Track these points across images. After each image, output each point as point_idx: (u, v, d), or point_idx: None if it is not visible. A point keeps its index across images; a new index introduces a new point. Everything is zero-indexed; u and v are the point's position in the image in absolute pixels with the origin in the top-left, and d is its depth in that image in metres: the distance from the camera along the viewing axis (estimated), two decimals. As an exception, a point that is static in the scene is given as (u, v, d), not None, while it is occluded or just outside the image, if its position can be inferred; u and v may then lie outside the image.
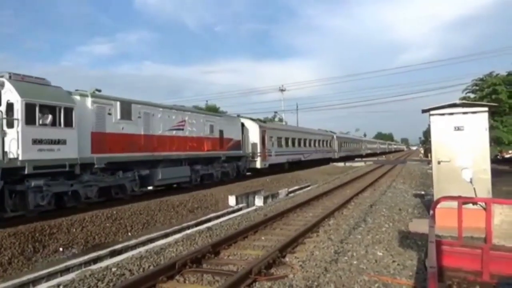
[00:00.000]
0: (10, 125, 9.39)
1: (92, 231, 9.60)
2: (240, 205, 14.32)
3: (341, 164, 38.07)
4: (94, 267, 6.53)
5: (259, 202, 14.72)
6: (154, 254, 6.86)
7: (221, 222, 10.16)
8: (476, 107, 8.01)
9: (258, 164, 23.40)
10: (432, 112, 8.13)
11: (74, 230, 9.39)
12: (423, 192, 13.91)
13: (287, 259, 6.39)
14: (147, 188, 15.04)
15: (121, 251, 8.29)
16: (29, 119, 9.53)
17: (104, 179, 12.13)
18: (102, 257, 7.88)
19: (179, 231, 10.07)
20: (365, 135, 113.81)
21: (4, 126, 9.38)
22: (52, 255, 8.30)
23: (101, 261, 7.47)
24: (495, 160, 23.21)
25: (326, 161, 38.53)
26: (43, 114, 9.96)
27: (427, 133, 52.52)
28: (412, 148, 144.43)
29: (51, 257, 8.21)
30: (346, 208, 11.67)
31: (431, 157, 8.59)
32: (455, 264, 4.04)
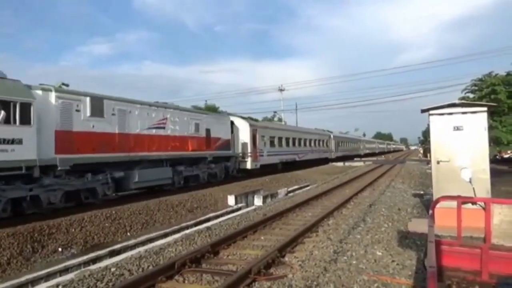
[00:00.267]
0: None
1: (91, 231, 9.59)
2: (239, 205, 14.31)
3: (340, 164, 38.07)
4: (93, 267, 6.52)
5: (258, 201, 14.71)
6: (153, 254, 6.86)
7: (220, 222, 10.16)
8: (475, 107, 8.03)
9: (249, 165, 22.19)
10: (431, 112, 8.14)
11: (73, 230, 9.37)
12: (422, 192, 13.91)
13: (286, 259, 6.39)
14: (123, 192, 13.81)
15: (120, 251, 8.27)
16: None
17: (70, 183, 10.93)
18: (101, 257, 7.86)
19: (178, 231, 10.05)
20: (364, 135, 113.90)
21: None
22: (51, 255, 8.28)
23: (100, 261, 7.45)
24: (494, 160, 23.24)
25: (322, 162, 37.78)
26: None
27: (426, 133, 52.58)
28: (412, 148, 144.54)
29: (50, 257, 8.19)
30: (346, 207, 11.67)
31: (430, 157, 8.60)
32: (454, 264, 4.04)
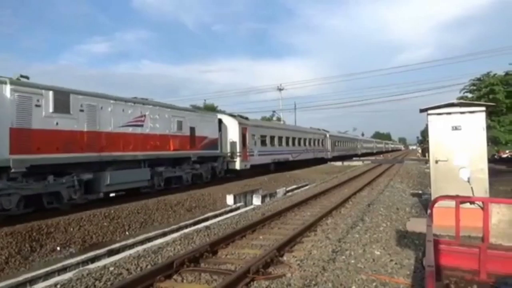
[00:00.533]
0: None
1: (89, 230, 9.58)
2: (238, 204, 14.30)
3: (339, 163, 38.22)
4: (91, 266, 6.51)
5: (257, 201, 14.70)
6: (151, 253, 6.85)
7: (219, 221, 10.16)
8: (474, 106, 8.04)
9: (238, 165, 21.06)
10: (430, 112, 8.15)
11: (72, 229, 9.36)
12: (420, 192, 13.93)
13: (285, 258, 6.40)
14: (93, 196, 12.36)
15: (118, 250, 8.26)
16: None
17: (28, 186, 9.78)
18: (99, 256, 7.85)
19: (177, 230, 10.05)
20: (363, 134, 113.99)
21: None
22: (49, 254, 8.27)
23: (99, 260, 7.44)
24: (492, 160, 23.32)
25: (318, 162, 36.76)
26: None
27: (424, 133, 52.64)
28: (411, 147, 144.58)
29: (49, 257, 8.18)
30: (344, 207, 11.69)
31: (428, 156, 8.61)
32: (452, 263, 4.05)
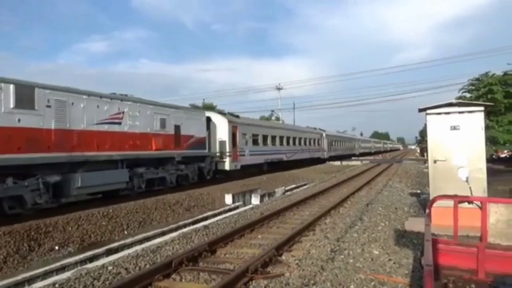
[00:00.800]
0: None
1: (88, 229, 9.57)
2: (237, 204, 14.29)
3: (337, 163, 38.38)
4: (90, 265, 6.50)
5: (255, 200, 14.70)
6: (150, 253, 6.85)
7: (217, 221, 10.16)
8: (472, 106, 8.07)
9: (227, 166, 20.11)
10: (429, 112, 8.17)
11: (70, 228, 9.35)
12: (419, 191, 13.96)
13: (283, 257, 6.40)
14: (64, 200, 11.45)
15: (117, 250, 8.25)
16: None
17: None
18: (98, 256, 7.84)
19: (175, 229, 10.04)
20: (361, 134, 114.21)
21: None
22: (47, 253, 8.25)
23: (97, 259, 7.43)
24: (490, 160, 23.35)
25: (314, 162, 35.97)
26: None
27: (423, 132, 52.69)
28: (411, 147, 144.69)
29: (47, 256, 8.16)
30: (343, 206, 11.71)
31: (427, 156, 8.62)
32: (450, 263, 4.06)
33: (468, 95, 25.78)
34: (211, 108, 48.23)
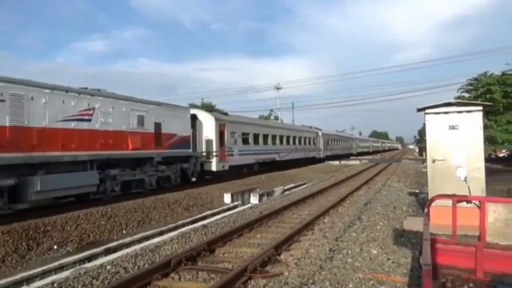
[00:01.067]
0: None
1: (86, 228, 9.56)
2: (236, 203, 14.31)
3: (336, 163, 38.44)
4: (88, 265, 6.49)
5: (254, 200, 14.71)
6: (149, 252, 6.85)
7: (216, 220, 10.16)
8: (471, 106, 8.08)
9: (214, 166, 18.85)
10: (427, 111, 8.18)
11: (69, 227, 9.34)
12: (417, 191, 14.00)
13: (282, 257, 6.41)
14: (22, 205, 10.31)
15: (116, 249, 8.25)
16: None
17: None
18: (96, 255, 7.84)
19: (174, 229, 10.04)
20: (360, 133, 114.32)
21: None
22: (46, 253, 8.25)
23: (96, 259, 7.43)
24: (489, 159, 23.41)
25: (309, 162, 34.80)
26: None
27: (422, 132, 52.82)
28: (410, 147, 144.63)
29: (45, 255, 8.16)
30: (341, 206, 11.72)
31: (425, 155, 8.64)
32: (449, 262, 4.07)
33: (466, 95, 25.89)
34: (210, 107, 48.20)
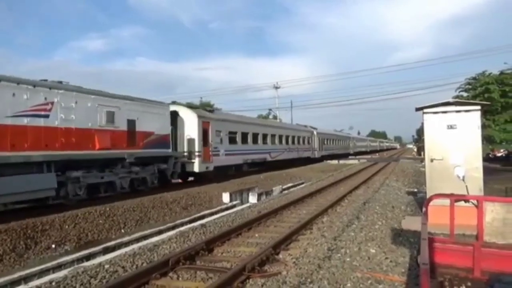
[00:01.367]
0: None
1: (85, 227, 9.54)
2: (234, 202, 14.30)
3: (334, 162, 38.54)
4: (86, 264, 6.48)
5: (253, 199, 14.73)
6: (147, 251, 6.84)
7: (214, 219, 10.15)
8: (469, 105, 8.10)
9: (196, 167, 17.40)
10: (426, 111, 8.20)
11: (67, 226, 9.33)
12: (415, 190, 14.02)
13: (280, 256, 6.42)
14: None
15: (114, 248, 8.23)
16: None
17: None
18: (95, 254, 7.82)
19: (172, 228, 10.03)
20: (359, 133, 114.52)
21: None
22: (44, 252, 8.24)
23: (94, 258, 7.41)
24: (487, 159, 23.48)
25: (303, 162, 33.69)
26: None
27: (420, 131, 52.83)
28: (408, 146, 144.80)
29: (43, 254, 8.15)
30: (340, 205, 11.73)
31: (424, 155, 8.65)
32: (447, 261, 4.07)
33: (465, 94, 25.95)
34: (208, 106, 48.10)
